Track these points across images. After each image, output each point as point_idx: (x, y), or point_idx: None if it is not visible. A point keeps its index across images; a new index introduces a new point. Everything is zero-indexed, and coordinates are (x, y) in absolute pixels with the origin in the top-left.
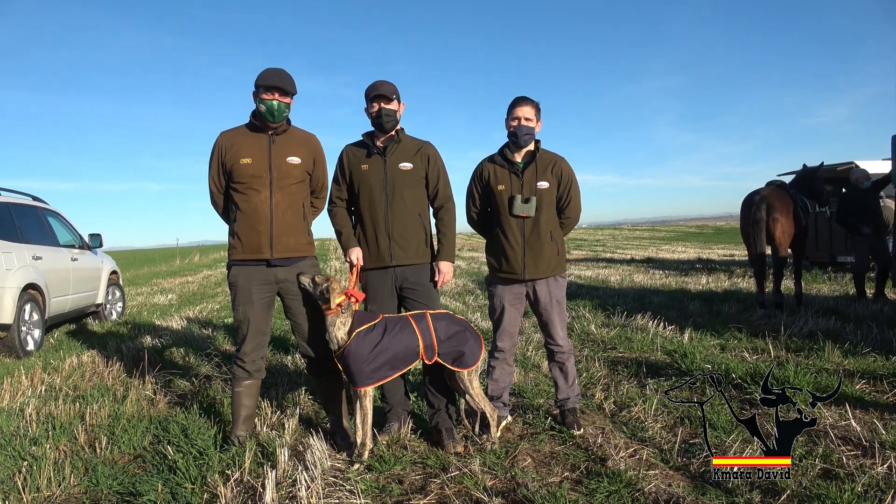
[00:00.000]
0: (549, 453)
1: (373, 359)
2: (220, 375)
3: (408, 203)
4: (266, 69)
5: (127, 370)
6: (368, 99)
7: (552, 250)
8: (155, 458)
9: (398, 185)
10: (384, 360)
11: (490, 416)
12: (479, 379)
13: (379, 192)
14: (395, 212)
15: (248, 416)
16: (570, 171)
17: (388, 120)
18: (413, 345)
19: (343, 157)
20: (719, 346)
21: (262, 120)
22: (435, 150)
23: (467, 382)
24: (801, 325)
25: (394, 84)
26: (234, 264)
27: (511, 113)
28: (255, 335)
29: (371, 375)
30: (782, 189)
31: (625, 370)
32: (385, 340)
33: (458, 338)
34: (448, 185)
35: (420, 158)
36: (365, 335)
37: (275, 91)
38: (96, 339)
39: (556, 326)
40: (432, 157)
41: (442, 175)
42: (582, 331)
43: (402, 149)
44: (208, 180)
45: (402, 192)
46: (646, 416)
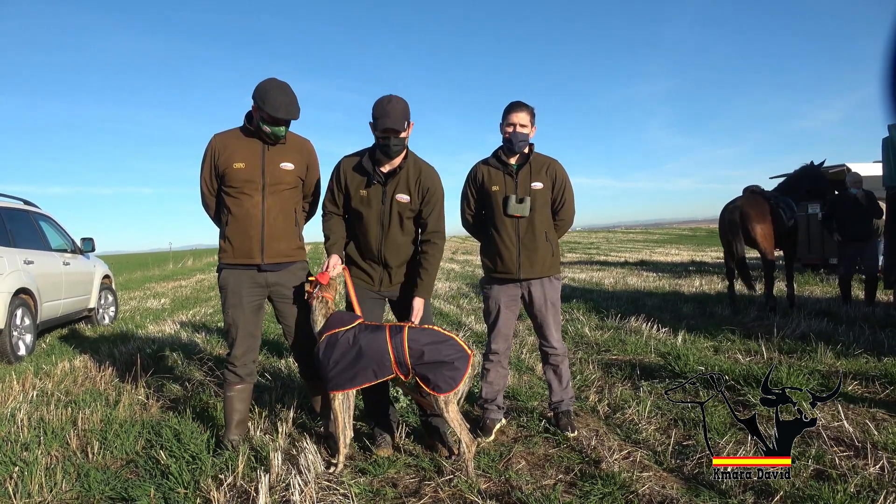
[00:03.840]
0: (544, 456)
1: (337, 366)
2: (213, 380)
3: (404, 233)
4: (273, 91)
5: (119, 375)
6: (376, 124)
7: (547, 250)
8: (147, 462)
9: (395, 218)
10: (357, 368)
11: (467, 447)
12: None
13: (375, 224)
14: (389, 244)
15: (240, 420)
16: (563, 173)
17: (396, 150)
18: (384, 358)
19: (341, 173)
20: (713, 348)
21: (260, 131)
22: (435, 181)
23: (442, 406)
24: (793, 326)
25: (405, 104)
26: (225, 267)
27: (506, 118)
28: (246, 338)
29: (339, 382)
30: (756, 195)
31: (619, 372)
32: (354, 349)
33: (436, 358)
34: (441, 219)
35: (418, 190)
36: (335, 338)
37: (282, 122)
38: (88, 343)
39: (551, 328)
40: (431, 190)
41: (436, 209)
42: (576, 333)
43: (404, 178)
44: (200, 182)
45: (396, 224)
46: (640, 419)
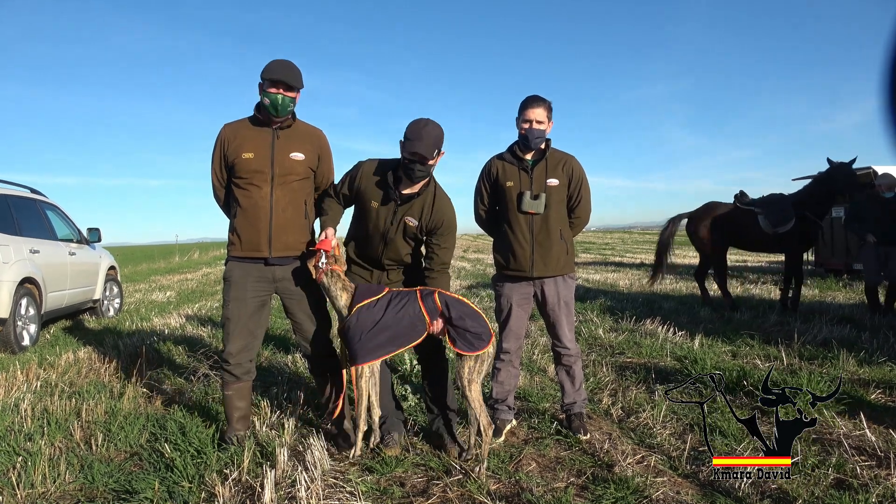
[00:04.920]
0: (555, 458)
1: (375, 335)
2: (218, 374)
3: (407, 246)
4: (272, 61)
5: (124, 367)
6: (406, 145)
7: (561, 248)
8: (152, 455)
9: (399, 236)
10: (388, 336)
11: (484, 430)
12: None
13: (379, 236)
14: (390, 254)
15: (242, 416)
16: (580, 170)
17: (419, 176)
18: (418, 319)
19: (360, 175)
20: (730, 352)
21: (265, 114)
22: (448, 214)
23: (465, 383)
24: (815, 332)
25: (441, 131)
26: (232, 260)
27: (523, 114)
28: (243, 334)
29: (373, 351)
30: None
31: (633, 375)
32: (388, 315)
33: (463, 326)
34: (450, 254)
35: (431, 220)
36: (367, 310)
37: (280, 85)
38: (93, 335)
39: (564, 328)
40: (444, 224)
41: (445, 243)
42: (590, 335)
43: (419, 204)
44: (211, 174)
45: (402, 241)
46: (654, 423)
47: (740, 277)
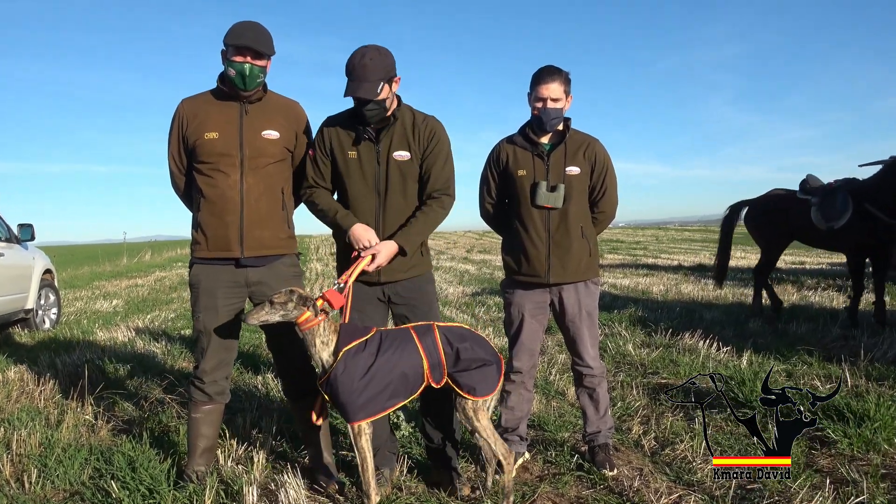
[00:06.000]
0: (576, 498)
1: (366, 385)
2: (174, 398)
3: (406, 198)
4: (237, 24)
5: (63, 390)
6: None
7: (583, 249)
8: (96, 495)
9: (393, 181)
10: (381, 385)
11: (504, 458)
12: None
13: (369, 192)
14: (388, 216)
15: (207, 447)
16: (605, 155)
17: (373, 115)
18: (416, 365)
19: (323, 134)
20: (785, 372)
21: (231, 86)
22: (438, 127)
23: (471, 415)
24: (885, 348)
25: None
26: (197, 262)
27: (535, 91)
28: (218, 350)
29: (366, 406)
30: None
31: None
32: (380, 361)
33: (471, 356)
34: (449, 174)
35: (419, 141)
36: (355, 354)
37: (247, 52)
38: (25, 352)
39: (586, 344)
40: (435, 137)
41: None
42: (617, 351)
43: (399, 130)
44: (168, 158)
45: (396, 190)
46: (693, 456)
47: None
